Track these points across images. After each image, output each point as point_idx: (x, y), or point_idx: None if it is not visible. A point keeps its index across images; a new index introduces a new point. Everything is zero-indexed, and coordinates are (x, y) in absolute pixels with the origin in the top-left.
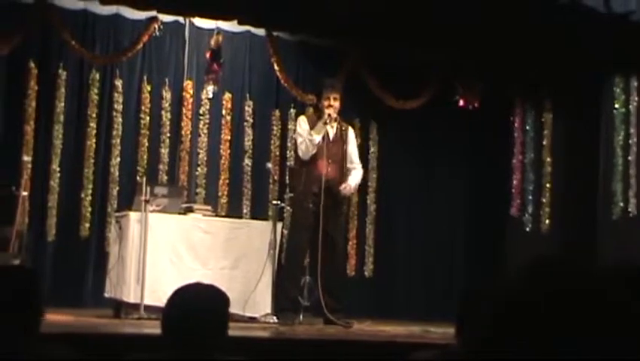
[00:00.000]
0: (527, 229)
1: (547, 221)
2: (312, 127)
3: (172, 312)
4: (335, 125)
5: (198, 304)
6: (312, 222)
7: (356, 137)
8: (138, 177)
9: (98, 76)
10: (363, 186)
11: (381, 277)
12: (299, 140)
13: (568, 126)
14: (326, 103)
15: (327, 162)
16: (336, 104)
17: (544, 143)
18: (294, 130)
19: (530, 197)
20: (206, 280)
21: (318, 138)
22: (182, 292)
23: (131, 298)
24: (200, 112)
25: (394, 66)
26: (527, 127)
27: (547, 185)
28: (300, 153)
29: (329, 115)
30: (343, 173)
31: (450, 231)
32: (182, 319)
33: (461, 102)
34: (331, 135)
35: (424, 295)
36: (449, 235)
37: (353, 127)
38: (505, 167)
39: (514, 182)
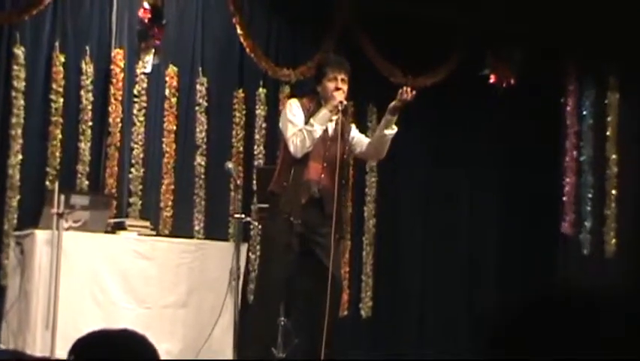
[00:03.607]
0: (585, 252)
1: (612, 241)
2: (308, 116)
3: None
4: (335, 118)
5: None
6: (297, 245)
7: None
8: (48, 182)
9: None
10: (359, 195)
11: (382, 317)
12: (290, 130)
13: None
14: (332, 85)
15: (322, 165)
16: (345, 87)
17: (608, 133)
18: (265, 117)
19: (589, 208)
20: (142, 324)
21: (319, 130)
22: (83, 345)
23: (36, 349)
24: (135, 92)
25: (401, 29)
26: (584, 112)
27: (613, 192)
28: (292, 149)
29: (340, 102)
30: (340, 181)
31: (478, 254)
32: None
33: (492, 78)
34: (330, 130)
35: (441, 341)
36: (476, 261)
37: (346, 112)
38: (553, 167)
39: (567, 188)
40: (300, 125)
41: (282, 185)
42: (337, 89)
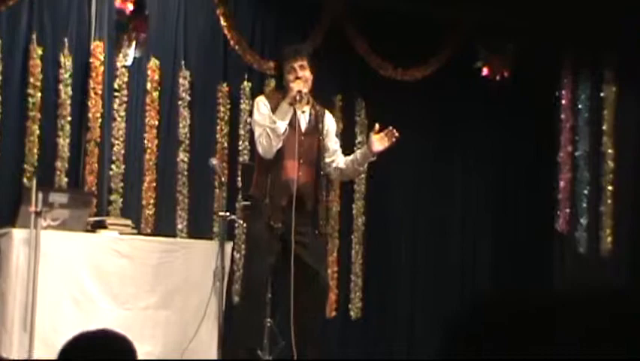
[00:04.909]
0: (581, 250)
1: (608, 239)
2: (274, 110)
3: None
4: (308, 109)
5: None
6: (279, 247)
7: (337, 121)
8: (25, 180)
9: None
10: (347, 192)
11: (372, 319)
12: (257, 131)
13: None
14: (291, 76)
15: (298, 162)
16: (306, 74)
17: (605, 128)
18: (250, 112)
19: (585, 205)
20: (123, 325)
21: (282, 126)
22: (70, 347)
23: (13, 352)
24: (115, 86)
25: (391, 21)
26: (580, 106)
27: (609, 188)
28: (260, 150)
29: (298, 92)
30: (320, 177)
31: (471, 252)
32: None
33: (485, 71)
34: (303, 124)
35: (432, 342)
36: (470, 260)
37: (333, 108)
38: (548, 163)
39: (562, 183)
40: (265, 123)
41: (261, 189)
42: (296, 78)
